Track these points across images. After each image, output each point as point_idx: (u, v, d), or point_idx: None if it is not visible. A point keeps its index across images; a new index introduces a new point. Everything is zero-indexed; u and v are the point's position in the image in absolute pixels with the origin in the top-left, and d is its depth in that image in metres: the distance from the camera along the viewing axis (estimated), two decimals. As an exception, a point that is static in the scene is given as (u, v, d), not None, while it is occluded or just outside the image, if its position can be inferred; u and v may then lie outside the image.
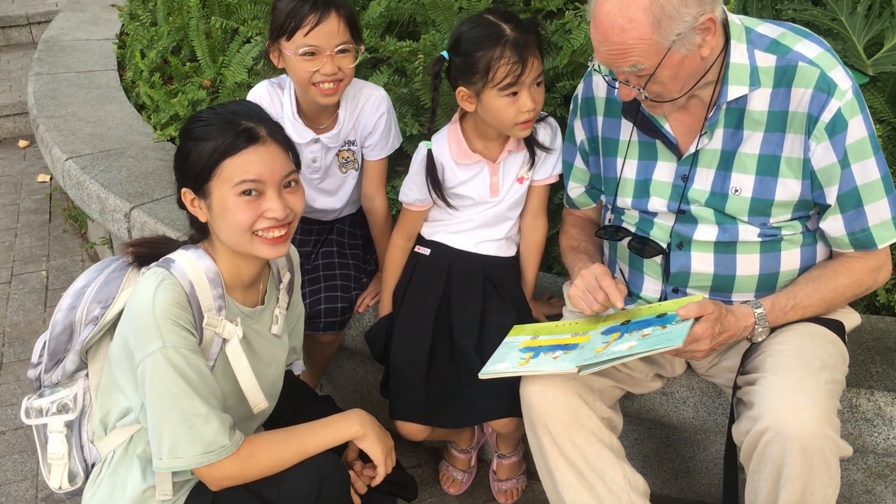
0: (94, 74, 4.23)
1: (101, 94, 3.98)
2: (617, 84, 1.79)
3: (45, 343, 1.87)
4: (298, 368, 2.12)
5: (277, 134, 1.73)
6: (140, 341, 1.64)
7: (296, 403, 2.04)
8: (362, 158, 2.36)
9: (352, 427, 1.81)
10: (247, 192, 1.67)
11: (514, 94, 1.96)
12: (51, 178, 4.60)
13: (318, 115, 2.27)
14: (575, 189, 2.16)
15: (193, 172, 1.68)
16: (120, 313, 1.78)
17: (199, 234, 1.79)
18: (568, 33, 2.59)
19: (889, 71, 2.34)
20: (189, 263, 1.71)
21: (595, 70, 1.89)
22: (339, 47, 2.11)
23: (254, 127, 1.68)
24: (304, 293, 2.32)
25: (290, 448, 1.74)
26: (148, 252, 1.83)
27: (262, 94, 2.28)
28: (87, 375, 1.85)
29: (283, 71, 2.23)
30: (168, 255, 1.74)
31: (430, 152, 2.11)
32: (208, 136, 1.67)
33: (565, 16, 2.66)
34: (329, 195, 2.40)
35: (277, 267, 1.93)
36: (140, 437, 1.77)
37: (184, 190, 1.72)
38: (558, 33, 2.64)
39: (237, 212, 1.67)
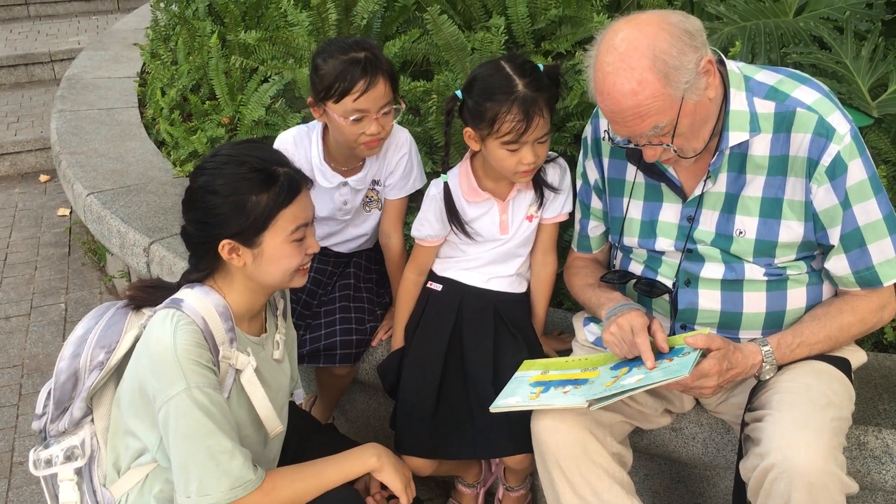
0: (115, 112, 4.31)
1: (122, 130, 4.06)
2: (627, 144, 1.80)
3: (49, 393, 1.86)
4: (299, 397, 2.15)
5: (300, 172, 1.79)
6: (163, 384, 1.65)
7: (301, 433, 2.07)
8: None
9: (369, 460, 1.84)
10: (299, 240, 1.75)
11: (516, 149, 1.99)
12: (70, 212, 4.67)
13: (347, 160, 2.29)
14: (596, 228, 2.15)
15: (244, 225, 1.70)
16: (125, 357, 1.79)
17: (202, 273, 1.79)
18: (578, 74, 2.64)
19: (893, 112, 2.37)
20: (198, 301, 1.73)
21: (611, 142, 1.88)
22: (384, 110, 2.14)
23: (292, 173, 1.74)
24: (319, 324, 2.36)
25: (309, 480, 1.77)
26: (146, 296, 1.85)
27: (287, 144, 2.29)
28: (92, 420, 1.84)
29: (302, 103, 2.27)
30: (174, 296, 1.75)
31: (446, 185, 2.14)
32: (256, 190, 1.69)
33: (575, 56, 2.71)
34: (353, 228, 2.44)
35: (274, 295, 1.96)
36: (155, 477, 1.78)
37: (224, 242, 1.71)
38: (568, 73, 2.69)
39: (292, 256, 1.75)
